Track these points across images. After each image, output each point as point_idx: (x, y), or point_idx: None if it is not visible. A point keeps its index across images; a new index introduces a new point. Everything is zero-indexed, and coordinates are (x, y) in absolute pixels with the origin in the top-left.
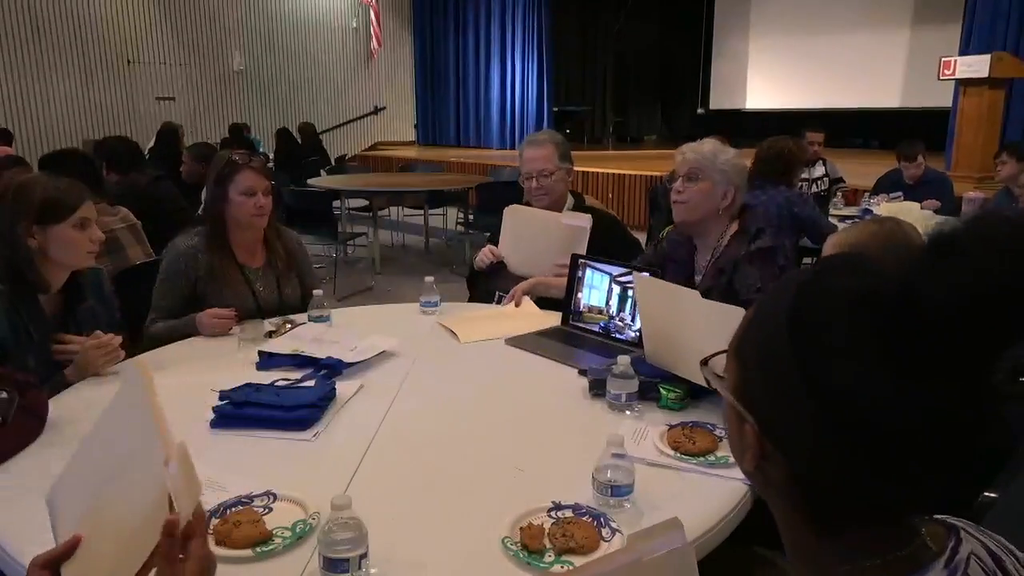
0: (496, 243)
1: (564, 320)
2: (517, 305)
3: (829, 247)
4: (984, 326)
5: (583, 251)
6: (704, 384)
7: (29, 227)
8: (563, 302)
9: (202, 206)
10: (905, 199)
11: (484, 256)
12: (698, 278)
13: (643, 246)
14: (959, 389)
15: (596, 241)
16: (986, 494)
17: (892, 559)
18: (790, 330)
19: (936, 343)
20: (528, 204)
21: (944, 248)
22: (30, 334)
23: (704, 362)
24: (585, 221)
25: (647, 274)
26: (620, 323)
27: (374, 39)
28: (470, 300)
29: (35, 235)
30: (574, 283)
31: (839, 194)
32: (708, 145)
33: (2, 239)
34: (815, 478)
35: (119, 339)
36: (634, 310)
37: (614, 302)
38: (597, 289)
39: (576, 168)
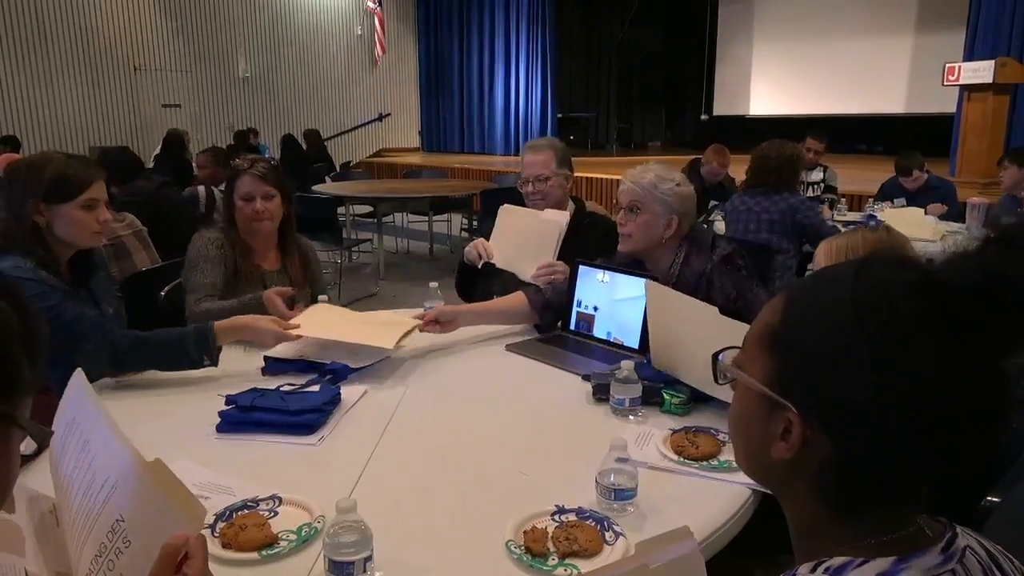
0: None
1: (564, 326)
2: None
3: (821, 253)
4: None
5: (553, 245)
6: (709, 385)
7: (37, 204)
8: (564, 308)
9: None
10: (908, 205)
11: (474, 248)
12: None
13: None
14: (1004, 370)
15: (594, 244)
16: (988, 499)
17: (895, 538)
18: (857, 317)
19: (1000, 329)
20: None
21: (1015, 243)
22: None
23: (715, 357)
24: (561, 217)
25: (646, 280)
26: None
27: (378, 46)
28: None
29: (43, 212)
30: (574, 288)
31: (842, 200)
32: (650, 174)
33: (11, 213)
34: (863, 457)
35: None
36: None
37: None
38: (595, 293)
39: (580, 174)
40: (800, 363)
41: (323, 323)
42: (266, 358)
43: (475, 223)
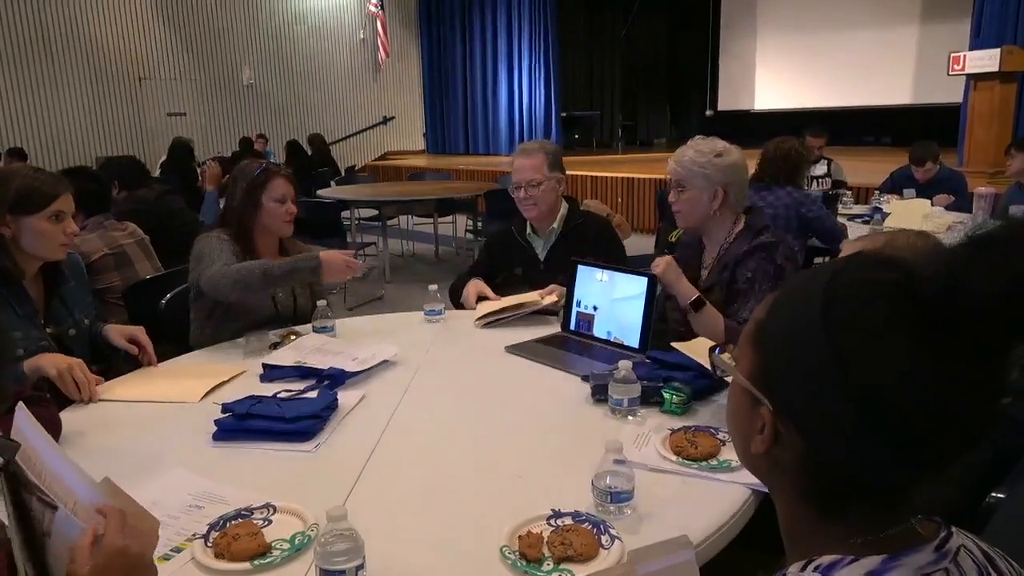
0: (490, 254)
1: (564, 327)
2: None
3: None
4: (1018, 321)
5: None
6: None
7: (3, 216)
8: (563, 309)
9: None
10: (917, 196)
11: (472, 298)
12: (704, 273)
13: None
14: (982, 378)
15: (588, 246)
16: (993, 495)
17: (885, 536)
18: (824, 314)
19: (971, 336)
20: (520, 213)
21: (985, 248)
22: (14, 310)
23: (712, 351)
24: (546, 302)
25: (647, 278)
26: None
27: (381, 50)
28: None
29: (9, 224)
30: (573, 290)
31: (848, 193)
32: (690, 151)
33: None
34: (832, 458)
35: (95, 385)
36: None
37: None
38: (594, 293)
39: (585, 173)
40: (774, 359)
41: (138, 385)
42: (264, 365)
43: (480, 224)
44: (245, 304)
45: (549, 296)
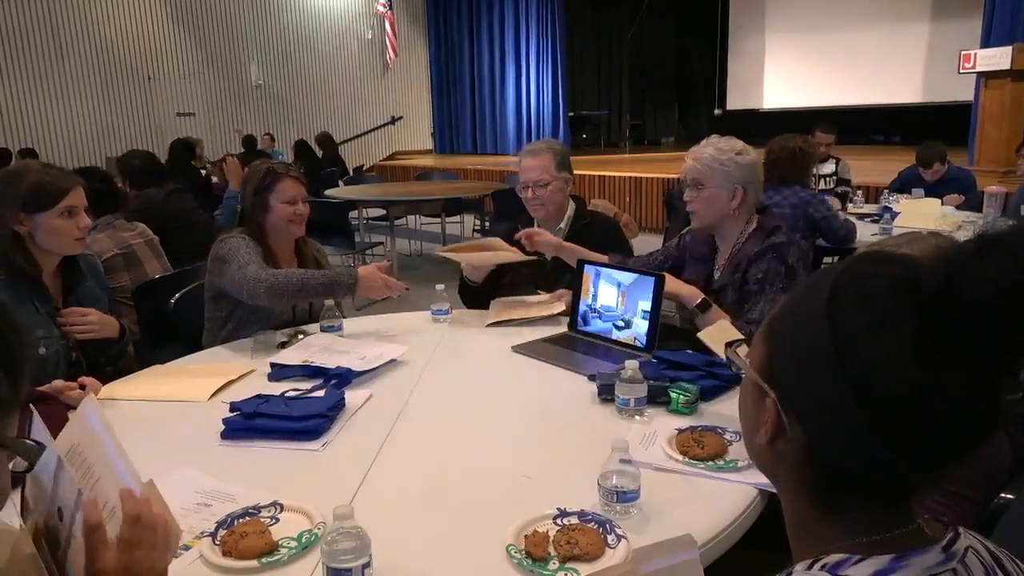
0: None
1: (570, 326)
2: (531, 241)
3: None
4: (1019, 323)
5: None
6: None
7: (16, 214)
8: (570, 308)
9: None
10: (926, 195)
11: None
12: (717, 274)
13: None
14: (982, 378)
15: (595, 246)
16: (1001, 495)
17: (891, 537)
18: (828, 304)
19: (969, 333)
20: (527, 212)
21: (990, 246)
22: (36, 307)
23: (728, 345)
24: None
25: (653, 278)
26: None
27: (389, 49)
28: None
29: (23, 222)
30: (579, 290)
31: (858, 192)
32: (709, 148)
33: None
34: (830, 450)
35: (84, 390)
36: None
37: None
38: (605, 294)
39: (593, 172)
40: (779, 349)
41: (147, 385)
42: (272, 364)
43: (488, 224)
44: (267, 309)
45: (559, 306)
